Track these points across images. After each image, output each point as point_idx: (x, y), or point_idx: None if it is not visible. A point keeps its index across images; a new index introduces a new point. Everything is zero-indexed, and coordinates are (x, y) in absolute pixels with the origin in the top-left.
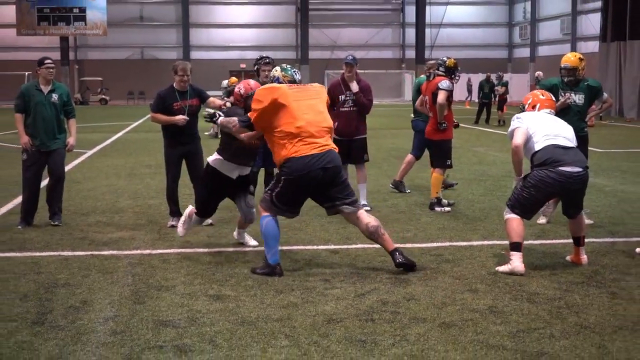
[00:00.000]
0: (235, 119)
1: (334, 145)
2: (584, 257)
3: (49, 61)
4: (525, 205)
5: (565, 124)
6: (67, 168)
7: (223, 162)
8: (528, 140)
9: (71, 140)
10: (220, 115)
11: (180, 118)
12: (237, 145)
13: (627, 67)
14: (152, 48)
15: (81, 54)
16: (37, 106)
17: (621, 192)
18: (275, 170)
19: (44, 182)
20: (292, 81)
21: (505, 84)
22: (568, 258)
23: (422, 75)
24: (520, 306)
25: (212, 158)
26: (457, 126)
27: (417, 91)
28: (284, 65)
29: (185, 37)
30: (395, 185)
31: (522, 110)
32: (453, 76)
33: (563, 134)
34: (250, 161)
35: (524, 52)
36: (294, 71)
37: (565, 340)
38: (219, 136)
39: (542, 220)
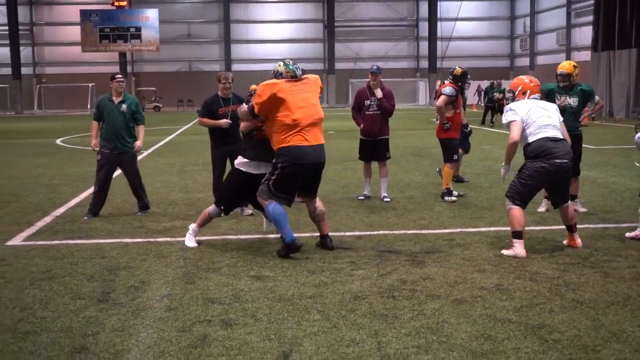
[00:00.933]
0: (245, 106)
1: (322, 139)
2: (579, 241)
3: (119, 76)
4: (524, 195)
5: (552, 106)
6: None
7: (249, 163)
8: (522, 132)
9: (138, 142)
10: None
11: (224, 122)
12: (257, 142)
13: (616, 73)
14: (198, 61)
15: (137, 67)
16: (109, 115)
17: (612, 184)
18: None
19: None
20: (294, 76)
21: (502, 91)
22: (564, 242)
23: None
24: (523, 284)
25: (238, 162)
26: (469, 133)
27: None
28: (287, 60)
29: (227, 52)
30: (456, 179)
31: (513, 96)
32: (460, 83)
33: (553, 122)
34: (271, 157)
35: (524, 62)
36: (295, 67)
37: (564, 314)
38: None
39: (541, 209)
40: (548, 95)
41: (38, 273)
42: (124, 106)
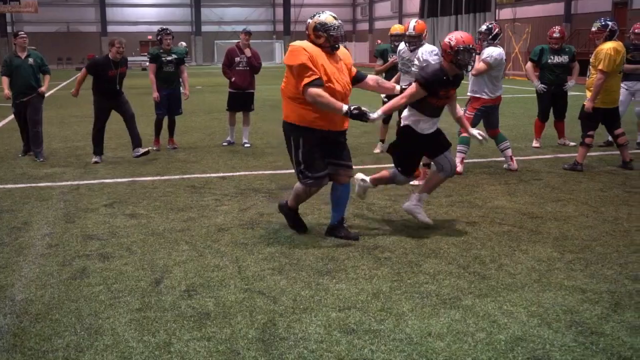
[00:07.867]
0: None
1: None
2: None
3: (22, 33)
4: None
5: None
6: (11, 117)
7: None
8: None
9: (42, 88)
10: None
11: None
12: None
13: (439, 36)
14: (76, 23)
15: (18, 28)
16: (18, 69)
17: None
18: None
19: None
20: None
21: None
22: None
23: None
24: (361, 213)
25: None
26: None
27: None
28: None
29: (103, 14)
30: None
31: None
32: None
33: None
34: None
35: (364, 26)
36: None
37: (394, 236)
38: None
39: (377, 150)
40: (382, 55)
41: None
42: (30, 60)
